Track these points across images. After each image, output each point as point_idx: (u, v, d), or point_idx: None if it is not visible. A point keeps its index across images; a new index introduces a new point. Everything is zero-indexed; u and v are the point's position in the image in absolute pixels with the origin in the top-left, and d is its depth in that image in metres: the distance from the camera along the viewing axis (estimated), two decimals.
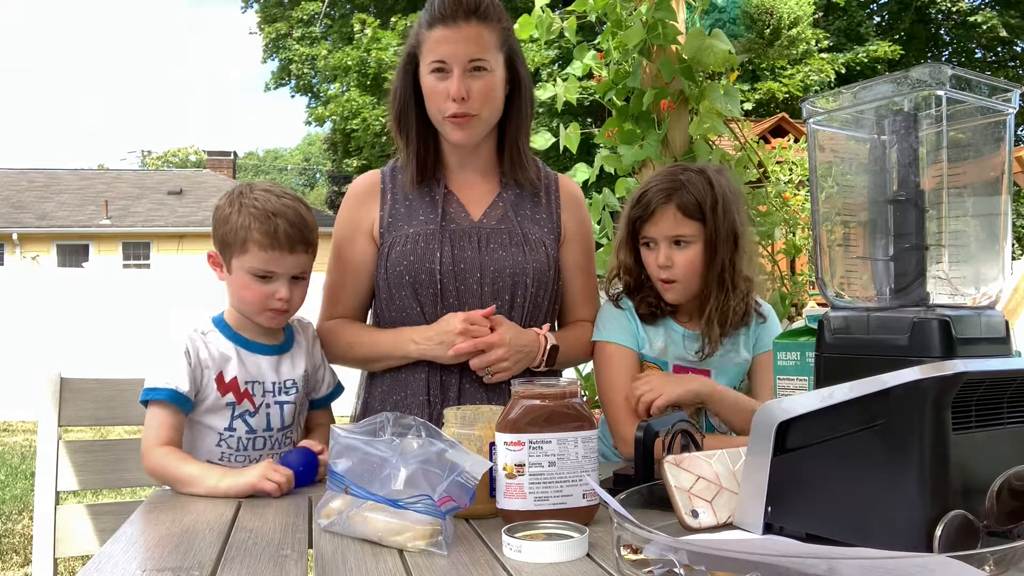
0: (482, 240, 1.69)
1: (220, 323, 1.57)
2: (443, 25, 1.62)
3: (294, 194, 1.56)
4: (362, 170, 18.34)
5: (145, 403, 1.49)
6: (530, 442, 1.14)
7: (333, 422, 1.69)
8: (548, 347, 1.66)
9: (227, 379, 1.51)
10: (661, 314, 1.70)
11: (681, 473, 1.14)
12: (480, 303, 1.67)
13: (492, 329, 1.61)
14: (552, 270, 1.73)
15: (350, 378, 1.81)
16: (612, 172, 2.89)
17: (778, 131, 12.95)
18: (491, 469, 1.17)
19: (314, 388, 1.65)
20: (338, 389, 1.70)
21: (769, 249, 3.19)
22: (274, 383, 1.55)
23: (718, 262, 1.62)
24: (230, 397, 1.51)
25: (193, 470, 1.42)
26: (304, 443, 1.50)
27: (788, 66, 17.14)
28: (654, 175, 1.69)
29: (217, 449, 1.52)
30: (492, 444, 1.19)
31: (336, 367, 1.74)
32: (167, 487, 1.52)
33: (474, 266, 1.67)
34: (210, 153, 24.99)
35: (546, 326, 1.71)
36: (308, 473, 1.43)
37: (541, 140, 2.99)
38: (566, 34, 2.93)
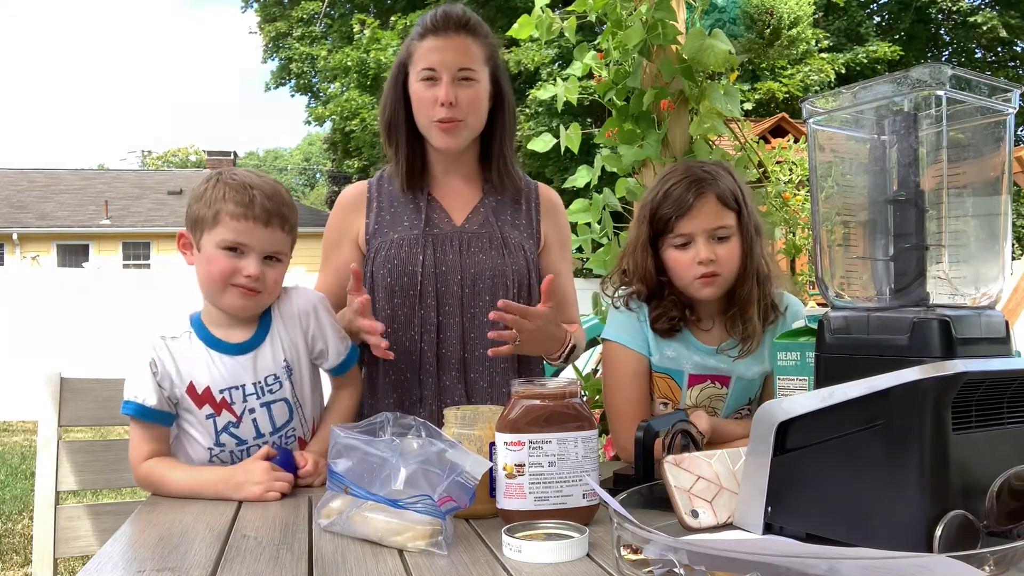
0: (463, 244, 1.75)
1: (196, 322, 1.50)
2: (434, 35, 1.71)
3: (275, 179, 1.53)
4: (362, 170, 18.36)
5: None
6: (530, 442, 1.14)
7: (358, 387, 1.66)
8: (570, 346, 1.72)
9: (199, 389, 1.44)
10: (679, 328, 1.63)
11: (681, 473, 1.14)
12: (459, 305, 1.72)
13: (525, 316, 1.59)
14: (532, 273, 1.79)
15: None
16: (613, 172, 2.89)
17: (778, 131, 12.94)
18: (491, 469, 1.17)
19: (318, 359, 1.56)
20: (352, 355, 1.60)
21: (769, 249, 3.19)
22: (255, 384, 1.47)
23: (756, 254, 1.57)
24: (207, 409, 1.45)
25: (184, 482, 1.40)
26: (297, 455, 1.47)
27: (788, 66, 17.12)
28: (668, 174, 1.61)
29: (211, 464, 1.48)
30: (492, 444, 1.19)
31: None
32: None
33: (455, 269, 1.73)
34: (210, 153, 24.96)
35: (575, 326, 1.77)
36: (286, 465, 1.43)
37: (542, 143, 2.99)
38: (566, 34, 2.93)
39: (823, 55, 17.96)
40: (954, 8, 21.07)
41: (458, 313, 1.72)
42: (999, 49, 22.58)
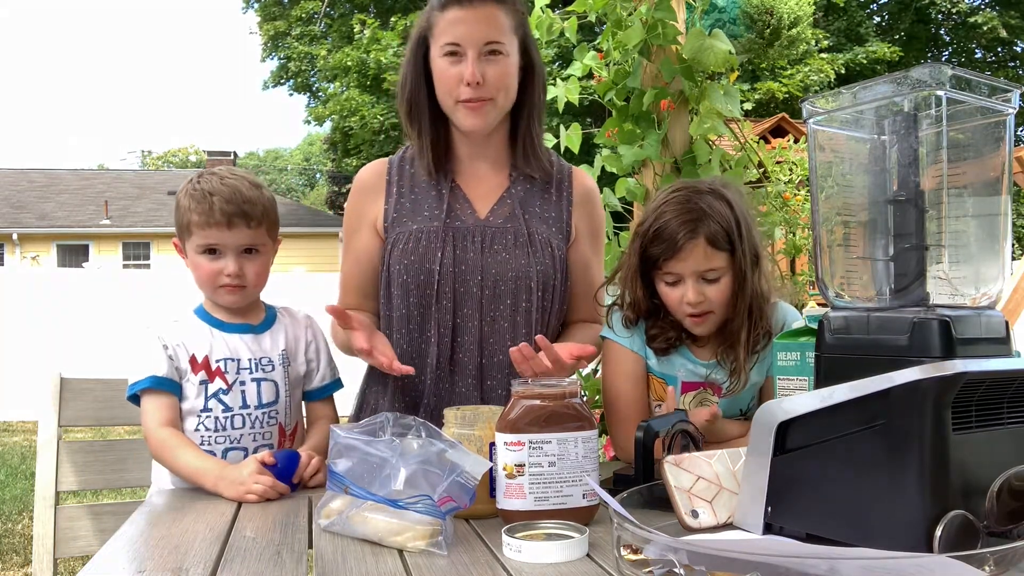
0: (486, 240, 1.65)
1: (199, 310, 1.60)
2: (458, 6, 1.58)
3: (243, 175, 1.58)
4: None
5: (135, 400, 1.52)
6: (530, 442, 1.14)
7: (335, 417, 1.68)
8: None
9: (199, 359, 1.53)
10: (676, 346, 1.62)
11: (681, 473, 1.14)
12: (478, 308, 1.63)
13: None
14: (559, 272, 1.69)
15: (353, 379, 1.81)
16: (612, 172, 2.89)
17: (778, 131, 12.93)
18: (491, 469, 1.17)
19: (306, 377, 1.64)
20: (335, 384, 1.68)
21: (769, 249, 3.19)
22: (250, 359, 1.55)
23: (748, 290, 1.53)
24: (202, 375, 1.52)
25: (191, 463, 1.45)
26: (302, 450, 1.49)
27: (788, 66, 17.13)
28: (663, 202, 1.55)
29: (196, 434, 1.51)
30: (492, 444, 1.19)
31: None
32: (165, 487, 1.52)
33: (475, 268, 1.63)
34: (210, 153, 24.95)
35: (598, 326, 1.67)
36: (285, 473, 1.42)
37: None
38: (566, 34, 2.93)
39: (823, 55, 17.97)
40: (954, 9, 21.07)
41: (476, 316, 1.63)
42: (999, 49, 22.59)
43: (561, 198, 1.74)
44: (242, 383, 1.54)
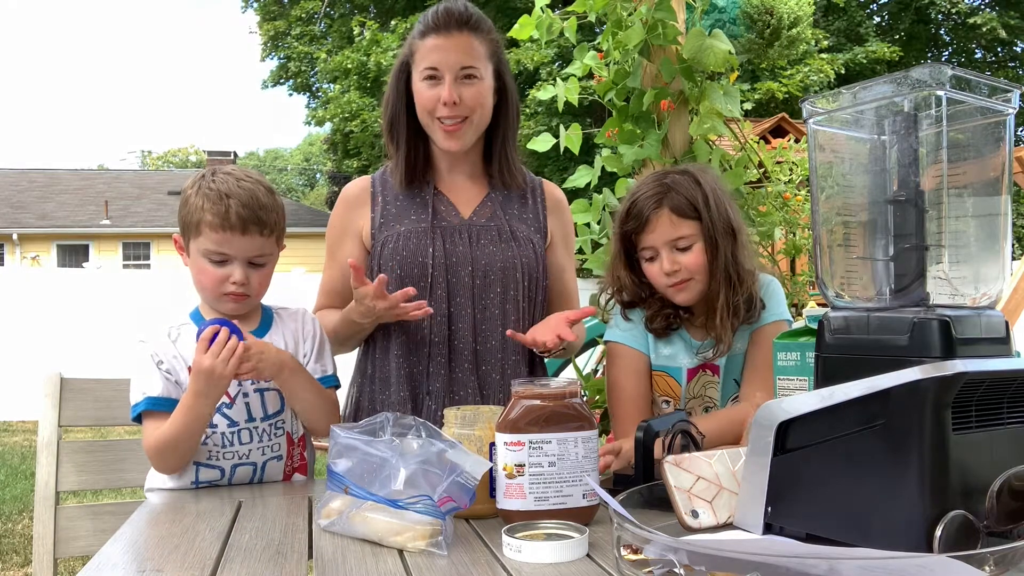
0: (472, 236, 1.75)
1: (195, 316, 1.57)
2: (436, 34, 1.70)
3: (258, 177, 1.55)
4: (362, 170, 18.39)
5: (138, 420, 1.51)
6: (530, 442, 1.14)
7: (337, 403, 1.64)
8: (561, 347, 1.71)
9: None
10: (675, 326, 1.67)
11: (681, 473, 1.14)
12: (471, 296, 1.72)
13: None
14: (540, 266, 1.80)
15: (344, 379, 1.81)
16: (613, 172, 2.89)
17: (778, 131, 12.92)
18: (491, 469, 1.17)
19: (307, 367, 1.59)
20: (329, 379, 1.62)
21: (769, 249, 3.19)
22: None
23: (721, 256, 1.59)
24: None
25: (175, 418, 1.42)
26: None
27: (788, 66, 17.10)
28: (638, 185, 1.66)
29: (204, 448, 1.49)
30: (492, 444, 1.19)
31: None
32: (162, 487, 1.51)
33: (465, 260, 1.73)
34: (210, 153, 24.94)
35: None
36: (233, 329, 1.41)
37: (542, 143, 2.98)
38: (566, 34, 2.93)
39: (823, 55, 17.96)
40: (954, 9, 21.06)
41: (469, 304, 1.72)
42: (999, 49, 22.58)
43: (536, 203, 1.87)
44: (245, 395, 1.52)
